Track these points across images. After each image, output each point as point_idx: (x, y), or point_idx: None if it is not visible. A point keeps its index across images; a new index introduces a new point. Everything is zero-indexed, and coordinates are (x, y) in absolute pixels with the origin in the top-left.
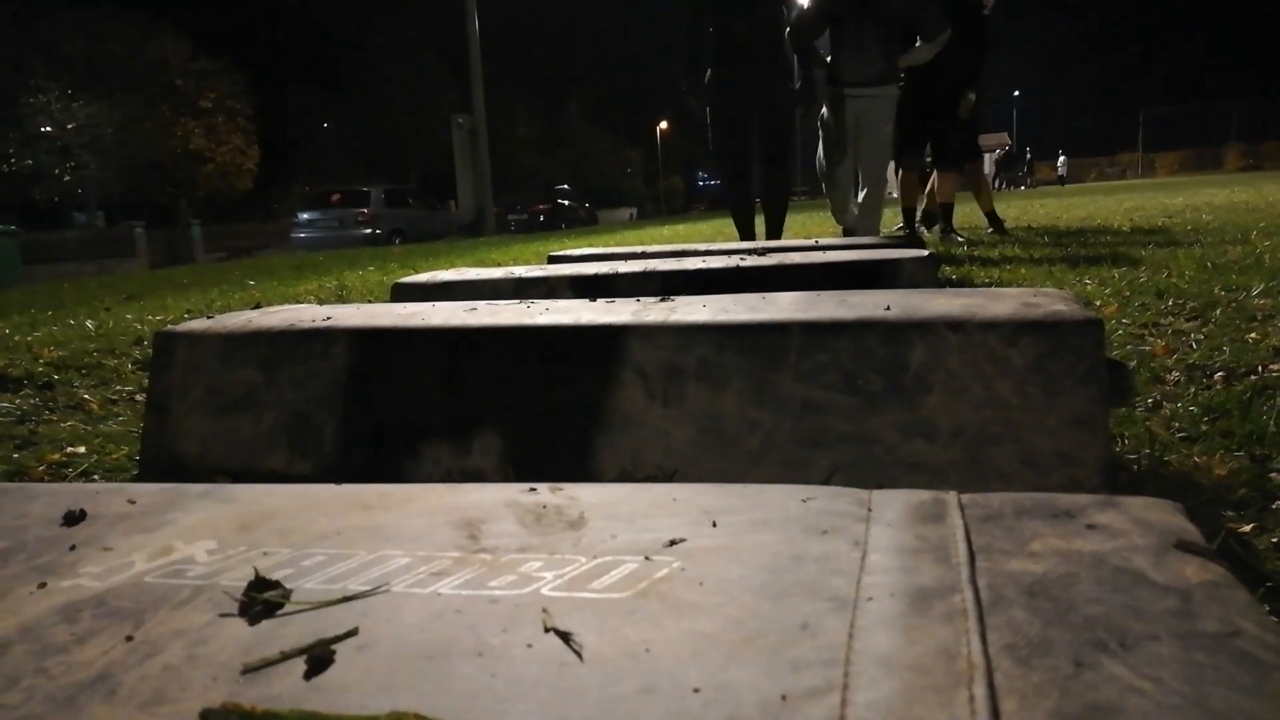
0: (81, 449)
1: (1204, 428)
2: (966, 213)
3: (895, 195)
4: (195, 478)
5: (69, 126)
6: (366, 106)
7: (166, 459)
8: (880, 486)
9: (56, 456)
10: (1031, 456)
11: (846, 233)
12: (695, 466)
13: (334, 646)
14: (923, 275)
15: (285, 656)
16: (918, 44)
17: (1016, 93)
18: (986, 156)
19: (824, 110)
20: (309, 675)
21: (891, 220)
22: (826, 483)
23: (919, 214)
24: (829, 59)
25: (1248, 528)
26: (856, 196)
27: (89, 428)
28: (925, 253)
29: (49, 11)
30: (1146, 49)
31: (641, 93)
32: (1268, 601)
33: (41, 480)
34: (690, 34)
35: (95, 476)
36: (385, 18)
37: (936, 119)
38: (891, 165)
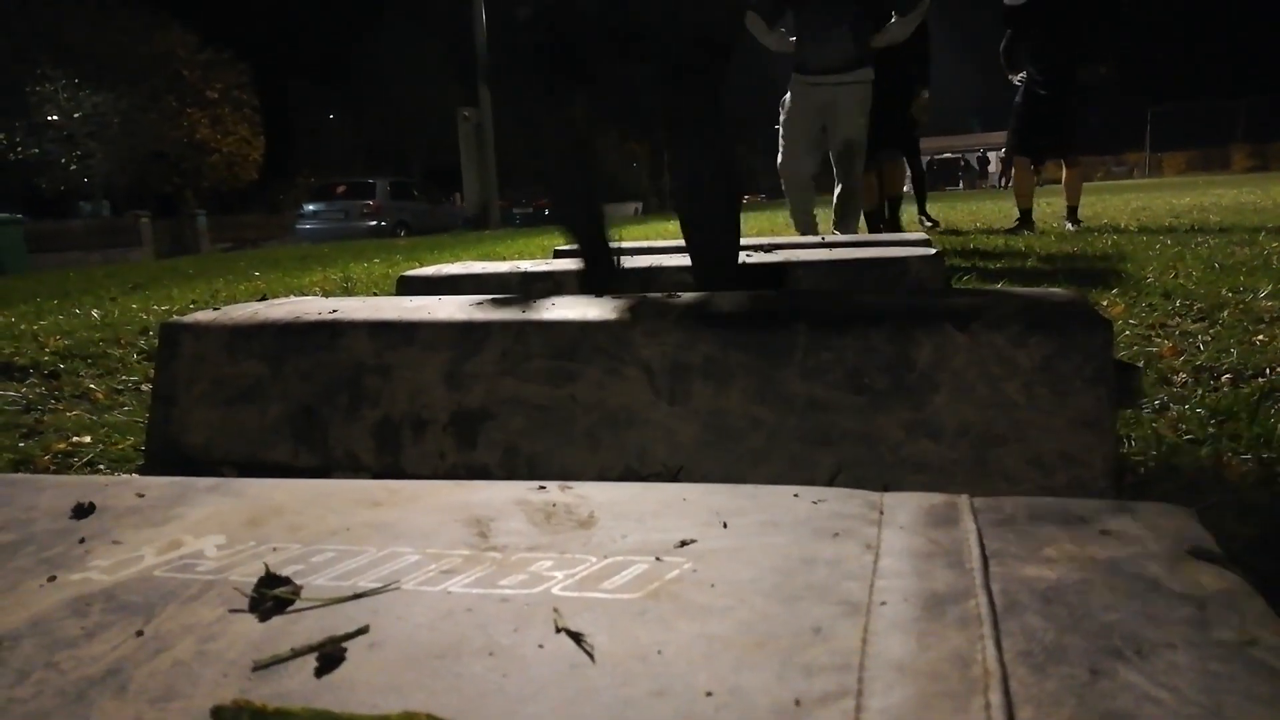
0: (87, 439)
1: (1211, 430)
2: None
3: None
4: (200, 469)
5: (75, 116)
6: (372, 99)
7: (172, 450)
8: (885, 486)
9: (62, 446)
10: (1038, 457)
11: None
12: (700, 464)
13: (345, 644)
14: (930, 273)
15: (296, 654)
16: (892, 20)
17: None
18: (993, 155)
19: (786, 103)
20: (320, 673)
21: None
22: (831, 482)
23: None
24: (794, 45)
25: (1255, 531)
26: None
27: (94, 417)
28: (932, 251)
29: (55, 1)
30: (1154, 48)
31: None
32: (1276, 607)
33: (47, 469)
34: None
35: (100, 466)
36: (391, 10)
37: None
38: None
